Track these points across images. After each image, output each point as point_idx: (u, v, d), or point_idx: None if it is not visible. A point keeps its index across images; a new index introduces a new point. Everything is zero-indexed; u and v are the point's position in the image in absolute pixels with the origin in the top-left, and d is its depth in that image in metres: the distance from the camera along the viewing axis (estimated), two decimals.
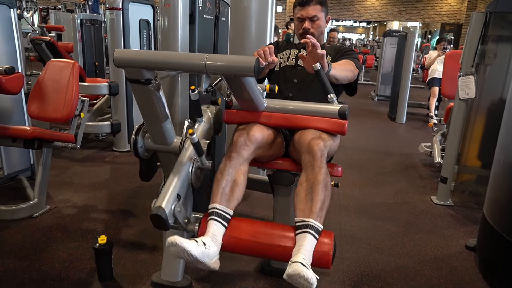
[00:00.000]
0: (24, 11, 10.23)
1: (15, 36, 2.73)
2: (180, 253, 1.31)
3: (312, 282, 1.27)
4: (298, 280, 1.28)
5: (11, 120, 2.75)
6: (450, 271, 2.13)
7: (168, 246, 1.32)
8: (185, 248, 1.30)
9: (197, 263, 1.34)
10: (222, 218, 1.46)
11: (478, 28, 2.67)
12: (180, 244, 1.30)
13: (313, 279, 1.28)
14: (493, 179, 2.07)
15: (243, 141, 1.57)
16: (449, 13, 18.19)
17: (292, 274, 1.28)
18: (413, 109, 6.66)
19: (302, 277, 1.27)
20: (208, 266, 1.36)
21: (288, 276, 1.30)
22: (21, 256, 2.04)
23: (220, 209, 1.48)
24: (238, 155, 1.56)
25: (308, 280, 1.27)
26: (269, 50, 1.59)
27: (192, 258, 1.31)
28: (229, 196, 1.51)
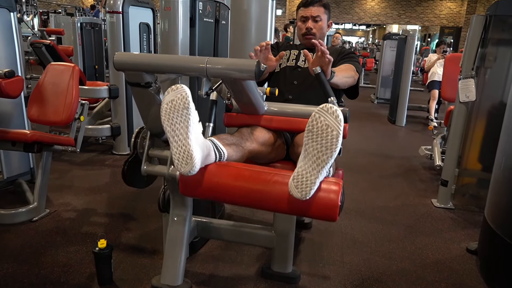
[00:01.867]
0: (24, 14, 10.26)
1: (15, 40, 2.73)
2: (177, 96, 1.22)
3: (341, 117, 1.17)
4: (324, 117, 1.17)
5: (11, 123, 2.75)
6: (451, 274, 2.12)
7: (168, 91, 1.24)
8: (186, 93, 1.22)
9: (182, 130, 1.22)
10: (216, 148, 1.39)
11: (478, 31, 2.67)
12: (184, 88, 1.22)
13: (340, 112, 1.17)
14: (494, 182, 2.06)
15: (248, 134, 1.58)
16: (449, 16, 18.24)
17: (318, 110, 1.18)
18: (413, 112, 6.66)
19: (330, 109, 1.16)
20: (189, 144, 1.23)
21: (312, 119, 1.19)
22: (21, 260, 2.03)
23: (216, 142, 1.41)
24: (241, 139, 1.55)
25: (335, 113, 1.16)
26: (265, 44, 1.61)
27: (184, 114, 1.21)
28: (226, 145, 1.44)
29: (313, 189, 1.20)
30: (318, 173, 1.19)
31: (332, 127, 1.16)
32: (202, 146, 1.31)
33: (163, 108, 1.25)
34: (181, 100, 1.22)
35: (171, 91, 1.24)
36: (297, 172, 1.21)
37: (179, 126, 1.23)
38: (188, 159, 1.24)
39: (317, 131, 1.18)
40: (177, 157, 1.25)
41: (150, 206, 2.69)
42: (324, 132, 1.17)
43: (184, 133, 1.23)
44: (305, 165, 1.20)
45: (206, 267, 2.06)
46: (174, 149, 1.25)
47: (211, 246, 2.26)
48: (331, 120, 1.16)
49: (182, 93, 1.23)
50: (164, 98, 1.25)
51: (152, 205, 2.63)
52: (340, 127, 1.16)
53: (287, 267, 1.97)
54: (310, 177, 1.19)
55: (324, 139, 1.17)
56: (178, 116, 1.22)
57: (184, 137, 1.23)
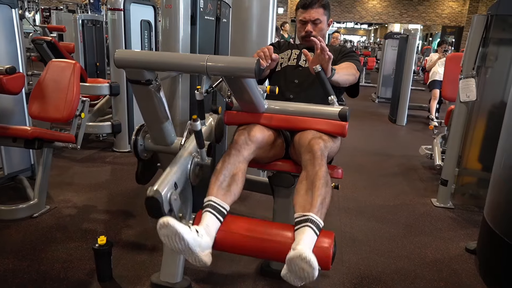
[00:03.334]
0: (25, 11, 10.25)
1: (16, 36, 2.74)
2: (171, 236, 1.26)
3: (314, 266, 1.21)
4: (300, 264, 1.22)
5: (12, 120, 2.75)
6: (450, 274, 2.12)
7: (159, 227, 1.27)
8: (177, 231, 1.25)
9: (188, 252, 1.29)
10: (217, 211, 1.42)
11: (479, 30, 2.67)
12: (172, 225, 1.25)
13: (315, 263, 1.21)
14: (494, 182, 2.07)
15: (244, 140, 1.57)
16: (450, 16, 18.19)
17: (293, 256, 1.22)
18: (414, 111, 6.65)
19: (304, 258, 1.21)
20: (200, 258, 1.31)
21: (288, 263, 1.25)
22: (21, 256, 2.03)
23: (216, 202, 1.44)
24: (238, 153, 1.54)
25: (310, 263, 1.20)
26: (268, 50, 1.59)
27: (183, 244, 1.26)
28: (226, 191, 1.48)
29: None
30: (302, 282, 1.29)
31: (307, 271, 1.23)
32: (207, 243, 1.35)
33: (161, 238, 1.31)
34: (174, 235, 1.26)
35: (162, 228, 1.28)
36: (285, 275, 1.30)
37: (183, 249, 1.29)
38: (202, 262, 1.33)
39: (294, 269, 1.25)
40: (191, 261, 1.34)
41: None
42: (301, 271, 1.24)
43: (189, 251, 1.29)
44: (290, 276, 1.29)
45: None
46: (189, 259, 1.34)
47: None
48: (306, 267, 1.22)
49: (173, 230, 1.26)
50: (158, 232, 1.29)
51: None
52: (314, 272, 1.23)
53: None
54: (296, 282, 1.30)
55: (302, 275, 1.25)
56: (178, 245, 1.28)
57: (191, 253, 1.30)
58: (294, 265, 1.23)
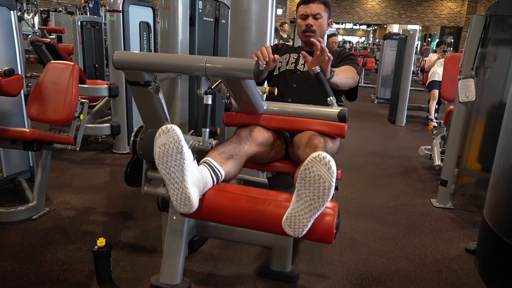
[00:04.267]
0: (24, 13, 10.25)
1: (15, 38, 2.73)
2: (169, 145, 1.19)
3: (333, 168, 1.13)
4: (317, 167, 1.13)
5: (11, 122, 2.75)
6: (450, 274, 2.12)
7: (160, 133, 1.20)
8: (179, 139, 1.18)
9: (177, 175, 1.21)
10: (212, 171, 1.37)
11: (478, 31, 2.67)
12: (175, 131, 1.19)
13: (333, 164, 1.13)
14: (493, 182, 2.06)
15: (246, 136, 1.57)
16: (449, 16, 18.23)
17: (310, 159, 1.13)
18: (413, 112, 6.66)
19: (323, 159, 1.12)
20: (186, 190, 1.22)
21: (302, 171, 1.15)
22: (20, 259, 2.03)
23: (213, 162, 1.38)
24: (239, 144, 1.54)
25: (328, 165, 1.12)
26: (266, 50, 1.59)
27: (178, 160, 1.19)
28: (224, 161, 1.43)
29: (306, 229, 1.20)
30: (310, 217, 1.19)
31: (324, 178, 1.14)
32: (199, 183, 1.29)
33: (156, 151, 1.22)
34: (173, 144, 1.19)
35: (162, 134, 1.20)
36: (290, 213, 1.21)
37: (174, 169, 1.21)
38: (186, 201, 1.24)
39: (309, 180, 1.16)
40: (175, 198, 1.25)
41: (149, 205, 2.69)
42: (317, 182, 1.15)
43: (179, 176, 1.22)
44: (298, 207, 1.20)
45: (205, 266, 2.06)
46: (171, 190, 1.25)
47: (210, 245, 2.26)
48: (324, 171, 1.14)
49: (174, 136, 1.19)
50: (155, 141, 1.22)
51: (152, 204, 2.63)
52: (332, 179, 1.14)
53: (286, 266, 1.97)
54: (302, 220, 1.19)
55: (316, 189, 1.16)
56: (173, 160, 1.20)
57: (180, 179, 1.22)
58: (309, 171, 1.14)
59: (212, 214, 1.34)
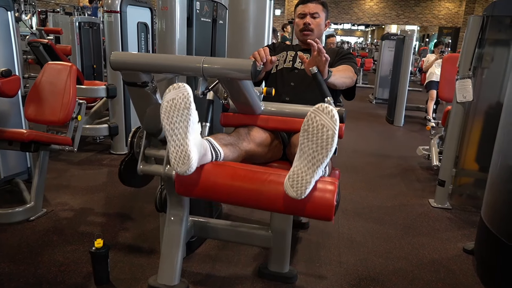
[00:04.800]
0: (22, 13, 10.22)
1: (12, 39, 2.73)
2: (177, 99, 1.21)
3: (336, 116, 1.17)
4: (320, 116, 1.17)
5: (8, 123, 2.74)
6: (448, 274, 2.13)
7: (170, 88, 1.23)
8: (188, 94, 1.21)
9: (181, 130, 1.22)
10: (212, 148, 1.40)
11: (475, 31, 2.68)
12: (185, 88, 1.22)
13: (335, 112, 1.17)
14: (491, 182, 2.07)
15: (245, 134, 1.58)
16: (447, 17, 18.28)
17: (313, 110, 1.18)
18: (411, 112, 6.67)
19: (325, 109, 1.16)
20: (187, 148, 1.23)
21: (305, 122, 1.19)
22: (17, 260, 2.02)
23: (212, 141, 1.41)
24: (238, 139, 1.55)
25: (331, 112, 1.16)
26: (264, 51, 1.59)
27: (183, 115, 1.20)
28: (223, 145, 1.46)
29: (309, 188, 1.20)
30: (313, 172, 1.19)
31: (327, 126, 1.16)
32: (199, 146, 1.31)
33: (163, 106, 1.24)
34: (182, 99, 1.21)
35: (172, 89, 1.23)
36: (293, 171, 1.21)
37: (179, 125, 1.22)
38: (185, 159, 1.24)
39: (312, 130, 1.18)
40: (174, 156, 1.25)
41: (147, 206, 2.69)
42: (320, 131, 1.17)
43: (183, 132, 1.23)
44: (300, 164, 1.20)
45: (203, 267, 2.06)
46: (172, 148, 1.25)
47: (208, 246, 2.26)
48: (327, 119, 1.16)
49: (184, 92, 1.22)
50: (165, 96, 1.24)
51: (150, 204, 2.63)
52: (335, 127, 1.16)
53: (284, 266, 1.97)
54: (305, 176, 1.19)
55: (320, 138, 1.17)
56: (178, 116, 1.22)
57: (183, 136, 1.23)
58: (313, 121, 1.17)
59: (209, 188, 1.33)
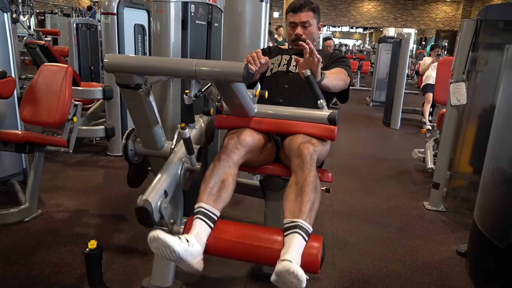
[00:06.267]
0: (20, 15, 10.23)
1: (8, 40, 2.73)
2: (162, 248, 1.29)
3: (302, 279, 1.23)
4: (288, 277, 1.24)
5: (4, 124, 2.74)
6: (441, 276, 2.14)
7: (150, 241, 1.29)
8: (168, 243, 1.27)
9: (180, 261, 1.31)
10: (208, 218, 1.44)
11: (469, 35, 2.70)
12: (162, 239, 1.27)
13: (303, 276, 1.23)
14: (483, 186, 2.08)
15: (234, 145, 1.58)
16: (444, 20, 18.36)
17: (281, 270, 1.24)
18: (408, 115, 6.69)
19: (292, 273, 1.22)
20: (191, 266, 1.33)
21: (276, 275, 1.26)
22: (11, 261, 2.02)
23: (206, 208, 1.46)
24: (228, 158, 1.55)
25: (298, 277, 1.22)
26: (257, 54, 1.60)
27: (174, 255, 1.28)
28: (217, 197, 1.49)
29: None
30: None
31: (295, 283, 1.24)
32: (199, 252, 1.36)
33: (153, 250, 1.32)
34: (165, 248, 1.28)
35: (152, 241, 1.29)
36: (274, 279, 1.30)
37: (175, 259, 1.31)
38: (194, 270, 1.35)
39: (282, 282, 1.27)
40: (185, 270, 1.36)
41: None
42: (288, 284, 1.25)
43: (181, 261, 1.32)
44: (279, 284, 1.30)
45: None
46: (181, 266, 1.35)
47: None
48: (294, 280, 1.24)
49: (163, 243, 1.28)
50: (150, 245, 1.31)
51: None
52: (302, 285, 1.24)
53: None
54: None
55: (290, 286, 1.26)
56: (170, 256, 1.30)
57: (183, 263, 1.33)
58: (283, 277, 1.25)
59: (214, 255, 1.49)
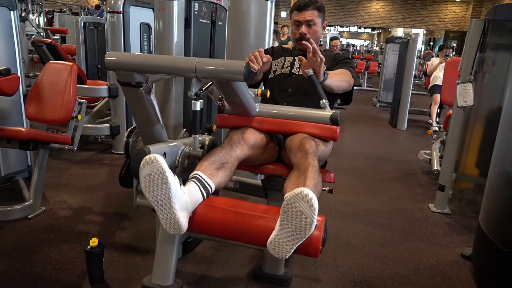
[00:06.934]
0: (29, 13, 10.33)
1: (14, 38, 2.75)
2: (153, 176, 1.21)
3: (314, 206, 1.15)
4: (298, 205, 1.15)
5: (10, 121, 2.76)
6: (444, 280, 2.11)
7: (144, 164, 1.22)
8: (163, 169, 1.20)
9: (165, 203, 1.23)
10: (202, 186, 1.39)
11: (476, 35, 2.66)
12: (159, 162, 1.21)
13: (316, 203, 1.16)
14: (489, 188, 2.05)
15: (238, 140, 1.57)
16: (453, 21, 18.18)
17: (292, 196, 1.16)
18: (415, 116, 6.64)
19: (304, 197, 1.14)
20: (175, 216, 1.25)
21: (285, 205, 1.17)
22: (13, 257, 2.03)
23: (202, 176, 1.41)
24: (231, 149, 1.54)
25: (310, 203, 1.14)
26: (259, 53, 1.59)
27: (164, 190, 1.21)
28: (214, 172, 1.45)
29: (289, 253, 1.24)
30: (293, 245, 1.23)
31: (305, 214, 1.17)
32: (187, 206, 1.31)
33: (141, 181, 1.25)
34: (158, 175, 1.22)
35: (146, 165, 1.23)
36: (274, 239, 1.24)
37: (161, 197, 1.24)
38: (176, 225, 1.27)
39: (291, 215, 1.19)
40: (164, 222, 1.28)
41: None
42: (298, 217, 1.18)
43: (167, 203, 1.25)
44: (281, 235, 1.23)
45: (198, 268, 2.06)
46: (160, 215, 1.27)
47: (205, 247, 2.26)
48: (306, 208, 1.17)
49: (158, 167, 1.21)
50: (140, 171, 1.24)
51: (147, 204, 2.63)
52: (313, 216, 1.17)
53: (278, 269, 1.96)
54: (286, 246, 1.23)
55: (298, 223, 1.19)
56: (158, 190, 1.23)
57: (168, 206, 1.25)
58: (291, 207, 1.17)
59: (202, 229, 1.39)
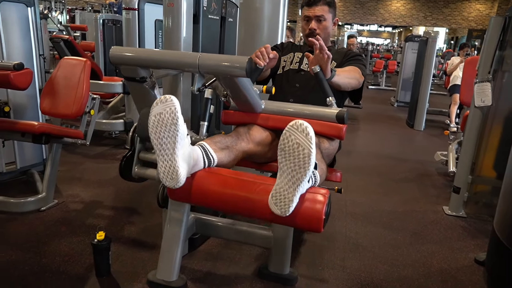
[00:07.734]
0: (52, 11, 10.57)
1: (31, 34, 2.81)
2: (164, 114, 1.19)
3: (311, 134, 1.13)
4: (295, 135, 1.13)
5: (26, 115, 2.83)
6: (456, 285, 2.04)
7: (157, 101, 1.20)
8: (176, 109, 1.18)
9: (168, 146, 1.20)
10: (205, 154, 1.38)
11: (496, 33, 2.56)
12: (173, 102, 1.19)
13: (312, 132, 1.13)
14: (504, 192, 1.97)
15: (244, 133, 1.57)
16: (477, 19, 17.67)
17: (287, 128, 1.14)
18: (433, 116, 6.48)
19: (299, 126, 1.12)
20: (175, 163, 1.22)
21: (282, 138, 1.16)
22: (25, 248, 2.08)
23: (207, 147, 1.40)
24: (237, 139, 1.54)
25: (306, 130, 1.12)
26: (266, 49, 1.57)
27: (171, 131, 1.19)
28: (219, 149, 1.45)
29: (292, 206, 1.19)
30: (295, 191, 1.18)
31: (303, 145, 1.14)
32: (189, 159, 1.29)
33: (150, 120, 1.22)
34: (169, 114, 1.19)
35: (159, 103, 1.20)
36: (275, 189, 1.21)
37: (166, 141, 1.21)
38: (174, 175, 1.24)
39: (288, 150, 1.16)
40: (162, 170, 1.25)
41: (155, 201, 2.69)
42: (296, 151, 1.15)
43: (171, 148, 1.22)
44: (281, 182, 1.19)
45: (204, 264, 2.06)
46: (160, 162, 1.24)
47: (212, 244, 2.26)
48: (302, 138, 1.13)
49: (171, 106, 1.19)
50: (152, 110, 1.21)
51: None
52: (311, 145, 1.13)
53: (284, 268, 1.94)
54: (287, 195, 1.18)
55: (297, 157, 1.15)
56: (166, 131, 1.20)
57: (171, 152, 1.22)
58: (288, 141, 1.15)
59: (200, 195, 1.34)
